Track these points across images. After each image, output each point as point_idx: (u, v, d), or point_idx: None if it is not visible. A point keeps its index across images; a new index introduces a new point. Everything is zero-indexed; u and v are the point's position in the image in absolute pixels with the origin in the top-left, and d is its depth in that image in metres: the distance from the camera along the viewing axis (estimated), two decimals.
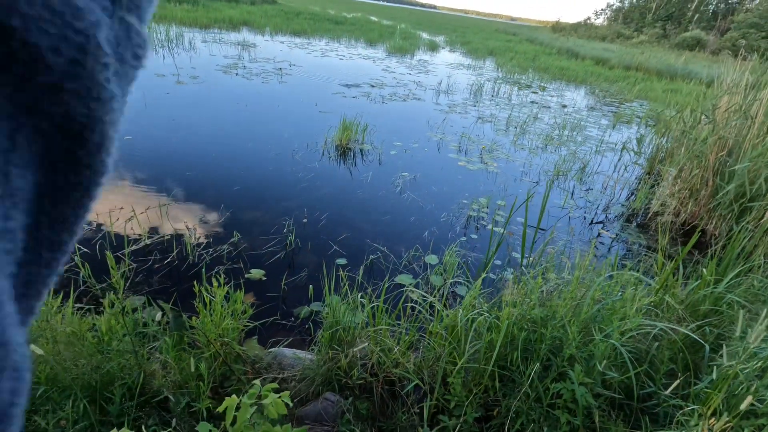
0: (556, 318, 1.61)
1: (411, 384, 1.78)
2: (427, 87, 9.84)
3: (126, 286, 2.41)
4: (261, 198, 3.83)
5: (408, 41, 18.92)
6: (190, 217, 3.33)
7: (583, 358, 1.58)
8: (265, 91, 7.54)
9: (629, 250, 3.81)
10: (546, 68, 15.76)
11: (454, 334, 1.82)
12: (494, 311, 1.81)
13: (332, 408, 1.79)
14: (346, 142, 5.31)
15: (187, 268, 2.74)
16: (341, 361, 1.88)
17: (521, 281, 1.95)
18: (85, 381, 1.25)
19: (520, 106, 9.12)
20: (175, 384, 1.44)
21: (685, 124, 4.68)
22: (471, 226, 3.83)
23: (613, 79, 14.92)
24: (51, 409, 1.17)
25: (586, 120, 8.49)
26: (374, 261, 3.09)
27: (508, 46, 22.85)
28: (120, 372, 1.34)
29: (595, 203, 4.67)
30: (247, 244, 3.09)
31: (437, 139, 6.13)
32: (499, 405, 1.68)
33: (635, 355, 1.76)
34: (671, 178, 4.42)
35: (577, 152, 6.25)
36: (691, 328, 1.88)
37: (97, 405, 1.27)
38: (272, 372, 1.93)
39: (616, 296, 1.79)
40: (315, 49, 13.72)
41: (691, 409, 1.39)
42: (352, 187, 4.31)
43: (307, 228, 3.42)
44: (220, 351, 1.67)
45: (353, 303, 2.03)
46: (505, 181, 4.94)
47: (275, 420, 0.91)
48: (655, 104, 10.61)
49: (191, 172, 4.09)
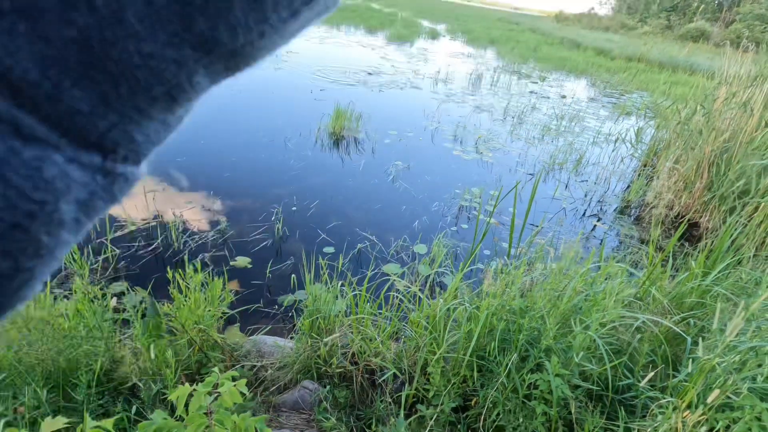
0: (535, 309, 1.59)
1: (389, 373, 1.76)
2: (426, 76, 9.73)
3: (106, 273, 2.39)
4: (251, 185, 3.80)
5: (408, 29, 18.68)
6: (177, 203, 3.30)
7: (561, 350, 1.56)
8: (260, 77, 7.44)
9: (621, 242, 3.79)
10: (547, 58, 15.59)
11: (434, 324, 1.80)
12: (475, 301, 1.79)
13: (309, 396, 1.78)
14: (339, 130, 5.25)
15: (171, 255, 2.71)
16: (320, 349, 1.87)
17: (503, 272, 1.93)
18: (46, 367, 1.23)
19: (519, 95, 9.02)
20: (147, 371, 1.42)
21: (681, 115, 4.62)
22: (462, 216, 3.80)
23: (614, 70, 14.77)
24: (11, 395, 1.16)
25: (585, 111, 8.41)
26: (362, 250, 3.07)
27: (510, 36, 22.58)
28: (86, 358, 1.32)
29: (589, 195, 4.63)
30: (234, 232, 3.06)
31: (433, 128, 6.07)
32: (476, 395, 1.67)
33: (616, 347, 1.74)
34: (667, 170, 4.38)
35: (574, 143, 6.19)
36: (674, 320, 1.86)
37: (61, 390, 1.26)
38: (251, 359, 1.92)
39: (598, 288, 1.76)
40: (313, 36, 13.54)
41: (667, 401, 1.38)
42: (344, 175, 4.27)
43: (296, 216, 3.39)
44: (196, 338, 1.65)
45: (334, 291, 2.00)
46: (499, 171, 4.90)
47: (231, 409, 0.89)
48: (655, 96, 10.51)
49: (182, 158, 4.04)
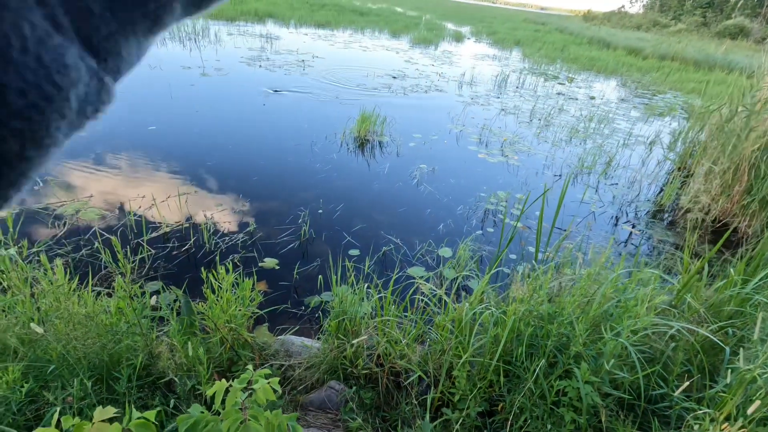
0: (564, 315, 1.56)
1: (415, 375, 1.77)
2: (450, 78, 9.69)
3: (143, 272, 2.50)
4: (278, 188, 3.88)
5: (432, 32, 18.64)
6: (208, 205, 3.41)
7: (591, 357, 1.53)
8: (288, 82, 7.59)
9: (654, 247, 3.67)
10: (575, 58, 15.25)
11: (460, 328, 1.80)
12: (501, 306, 1.78)
13: (336, 396, 1.81)
14: (364, 133, 5.30)
15: (203, 256, 2.81)
16: (347, 350, 1.89)
17: (531, 276, 1.91)
18: (92, 361, 1.30)
19: (546, 97, 8.87)
20: (182, 367, 1.48)
21: (721, 116, 4.44)
22: (488, 220, 3.77)
23: (646, 69, 14.31)
24: (60, 386, 1.23)
25: (615, 112, 8.18)
26: (387, 252, 3.09)
27: (536, 36, 22.21)
28: (127, 353, 1.39)
29: (620, 199, 4.51)
30: (262, 234, 3.14)
31: (458, 131, 6.04)
32: (503, 400, 1.66)
33: (649, 355, 1.69)
34: (703, 173, 4.22)
35: (604, 145, 6.04)
36: (712, 329, 1.79)
37: (104, 383, 1.33)
38: (279, 359, 1.96)
39: (630, 294, 1.72)
40: (338, 40, 13.71)
41: (703, 412, 1.33)
42: (369, 178, 4.31)
43: (322, 219, 3.44)
44: (227, 336, 1.70)
45: (360, 293, 2.03)
46: (526, 174, 4.83)
47: (265, 405, 0.92)
48: (690, 96, 10.13)
49: (212, 162, 4.17)
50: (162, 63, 7.81)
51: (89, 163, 3.85)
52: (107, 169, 3.80)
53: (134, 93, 6.04)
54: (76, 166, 3.76)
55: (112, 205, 3.26)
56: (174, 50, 9.18)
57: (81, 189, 3.42)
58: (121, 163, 3.95)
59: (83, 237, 2.82)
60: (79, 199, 3.26)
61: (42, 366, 1.28)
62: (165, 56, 8.46)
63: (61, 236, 2.80)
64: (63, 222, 2.96)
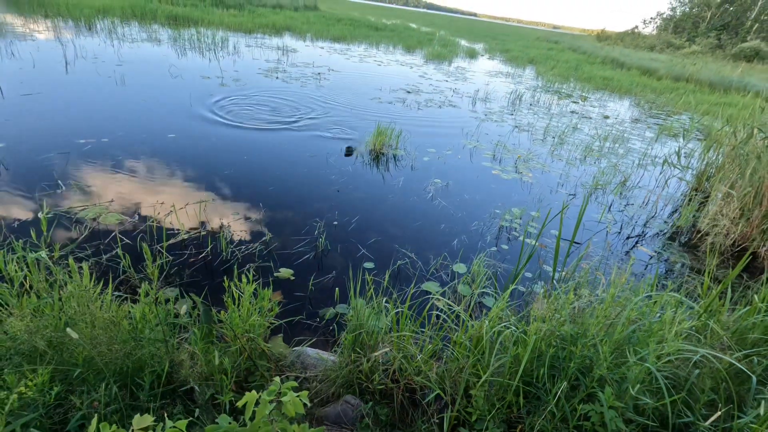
0: (587, 336, 1.54)
1: (432, 393, 1.75)
2: (464, 94, 9.76)
3: (161, 278, 2.52)
4: (294, 199, 3.91)
5: (446, 48, 18.86)
6: (225, 214, 3.44)
7: (615, 381, 1.50)
8: (304, 95, 7.70)
9: (671, 270, 3.61)
10: (589, 78, 15.29)
11: (479, 347, 1.78)
12: (522, 325, 1.76)
13: (352, 411, 1.79)
14: (379, 147, 5.34)
15: (219, 264, 2.83)
16: (363, 364, 1.88)
17: (551, 296, 1.89)
18: (117, 366, 1.31)
19: (560, 115, 8.88)
20: (201, 375, 1.48)
21: (737, 138, 4.40)
22: (502, 237, 3.75)
23: (660, 90, 14.27)
24: (86, 390, 1.24)
25: (629, 132, 8.16)
26: (401, 267, 3.08)
27: (550, 55, 22.34)
28: (150, 360, 1.40)
29: (635, 219, 4.46)
30: (278, 244, 3.15)
31: (471, 147, 6.06)
32: (522, 422, 1.63)
33: (672, 381, 1.66)
34: (721, 196, 4.17)
35: (618, 165, 6.01)
36: (736, 356, 1.75)
37: (128, 389, 1.33)
38: (295, 371, 1.95)
39: (654, 318, 1.69)
40: (353, 54, 13.92)
41: None
42: (383, 191, 4.33)
43: (337, 230, 3.45)
44: (246, 346, 1.70)
45: (377, 307, 2.02)
46: (540, 191, 4.82)
47: (292, 418, 0.92)
48: (705, 117, 10.06)
49: (230, 171, 4.23)
50: (183, 72, 7.99)
51: (109, 168, 3.93)
52: (128, 174, 3.87)
53: (156, 101, 6.17)
54: (97, 171, 3.83)
55: (131, 210, 3.30)
56: (194, 60, 9.39)
57: (101, 194, 3.48)
58: (141, 169, 4.02)
59: (103, 241, 2.86)
60: (100, 203, 3.32)
61: (67, 370, 1.29)
62: (186, 65, 8.65)
63: (82, 240, 2.85)
64: (84, 226, 3.00)
